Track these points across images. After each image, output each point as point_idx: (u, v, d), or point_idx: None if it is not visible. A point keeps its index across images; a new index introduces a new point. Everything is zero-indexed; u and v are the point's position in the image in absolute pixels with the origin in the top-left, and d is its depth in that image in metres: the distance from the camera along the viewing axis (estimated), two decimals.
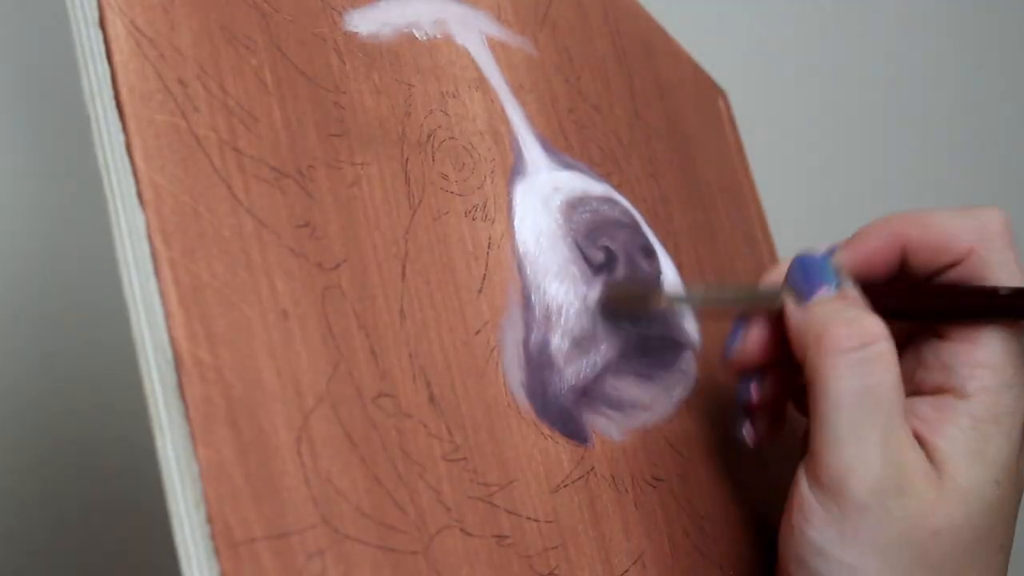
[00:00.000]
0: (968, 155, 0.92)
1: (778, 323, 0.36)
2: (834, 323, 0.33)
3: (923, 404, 0.35)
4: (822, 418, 0.33)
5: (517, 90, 0.38)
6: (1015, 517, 0.35)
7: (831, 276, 0.35)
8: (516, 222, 0.35)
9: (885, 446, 0.33)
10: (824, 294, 0.35)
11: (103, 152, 0.26)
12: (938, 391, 0.35)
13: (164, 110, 0.26)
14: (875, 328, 0.33)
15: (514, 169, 0.36)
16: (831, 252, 0.37)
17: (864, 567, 0.33)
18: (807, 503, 0.34)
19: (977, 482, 0.33)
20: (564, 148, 0.39)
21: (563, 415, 0.34)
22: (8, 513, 0.56)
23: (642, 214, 0.39)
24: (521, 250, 0.35)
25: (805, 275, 0.35)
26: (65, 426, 0.58)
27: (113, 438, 0.58)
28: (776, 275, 0.38)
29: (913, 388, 0.36)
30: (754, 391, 0.38)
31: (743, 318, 0.37)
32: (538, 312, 0.34)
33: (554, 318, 0.34)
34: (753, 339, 0.37)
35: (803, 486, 0.34)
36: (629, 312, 0.36)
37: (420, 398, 0.30)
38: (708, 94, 0.55)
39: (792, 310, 0.35)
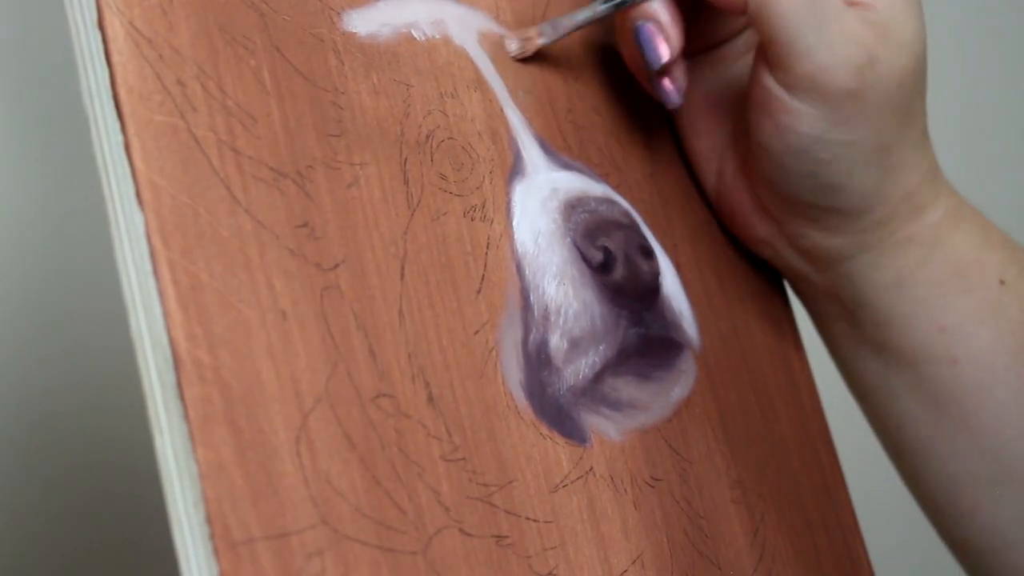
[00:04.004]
0: (969, 153, 0.92)
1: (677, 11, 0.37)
2: None
3: None
4: (784, 36, 0.35)
5: (515, 91, 0.38)
6: None
7: None
8: (515, 222, 0.35)
9: (844, 34, 0.36)
10: None
11: (102, 152, 0.26)
12: None
13: (163, 110, 0.26)
14: None
15: (513, 169, 0.36)
16: None
17: (857, 138, 0.37)
18: (791, 107, 0.37)
19: (914, 32, 0.37)
20: (563, 148, 0.39)
21: (562, 415, 0.34)
22: (7, 513, 0.56)
23: (641, 214, 0.39)
24: (520, 250, 0.35)
25: None
26: (64, 426, 0.58)
27: (112, 438, 0.58)
28: None
29: None
30: (663, 51, 0.38)
31: (644, 21, 0.38)
32: (537, 312, 0.34)
33: (553, 318, 0.34)
34: (673, 32, 0.38)
35: (780, 93, 0.37)
36: None
37: (419, 398, 0.30)
38: None
39: None
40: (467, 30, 0.37)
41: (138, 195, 0.25)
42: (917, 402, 0.42)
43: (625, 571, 0.34)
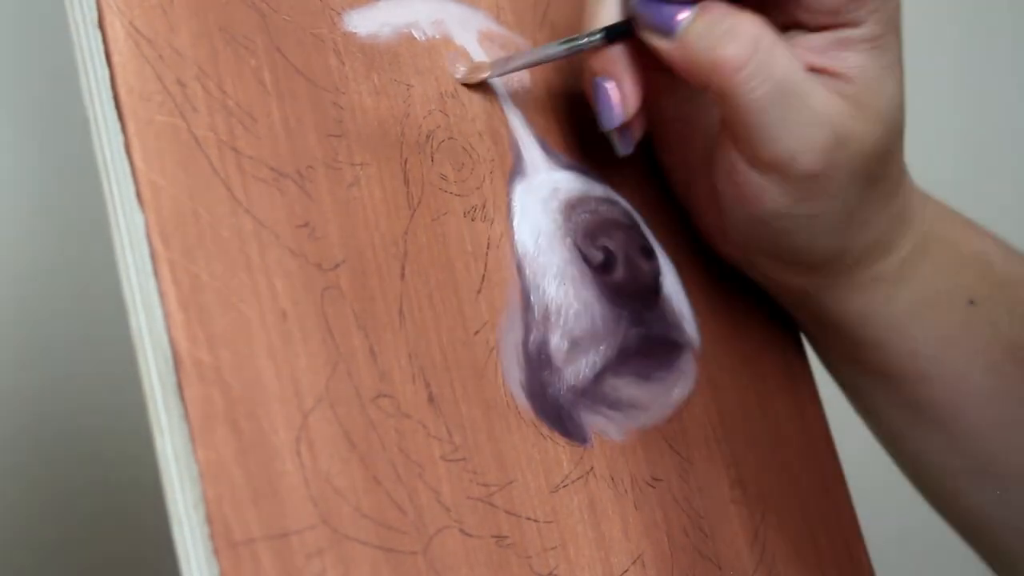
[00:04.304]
0: (969, 152, 0.92)
1: (640, 57, 0.35)
2: (718, 46, 0.33)
3: (812, 38, 0.36)
4: (749, 124, 0.34)
5: (516, 90, 0.38)
6: None
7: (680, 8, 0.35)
8: (515, 222, 0.35)
9: (813, 118, 0.34)
10: (687, 18, 0.34)
11: (102, 153, 0.26)
12: (826, 28, 0.36)
13: (163, 111, 0.26)
14: (754, 27, 0.33)
15: (513, 169, 0.36)
16: None
17: (821, 210, 0.36)
18: (756, 184, 0.36)
19: (890, 98, 0.36)
20: (563, 148, 0.39)
21: (562, 415, 0.34)
22: (7, 513, 0.56)
23: (641, 215, 0.39)
24: (520, 250, 0.35)
25: (655, 8, 0.35)
26: (65, 426, 0.58)
27: (113, 438, 0.58)
28: (594, 15, 0.36)
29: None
30: (617, 114, 0.36)
31: (602, 77, 0.36)
32: (537, 312, 0.34)
33: (553, 318, 0.34)
34: (630, 93, 0.36)
35: (743, 168, 0.36)
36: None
37: (419, 398, 0.30)
38: None
39: (666, 48, 0.34)
40: (468, 30, 0.37)
41: (138, 195, 0.25)
42: (891, 406, 0.43)
43: (625, 571, 0.34)
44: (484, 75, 0.36)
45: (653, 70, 0.36)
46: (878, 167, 0.37)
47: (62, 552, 0.57)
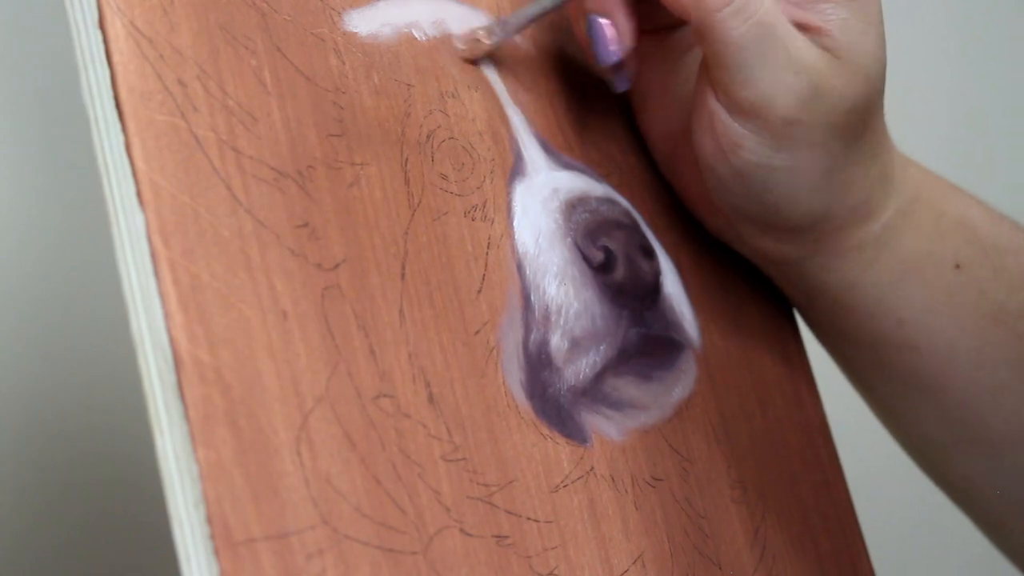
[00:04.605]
0: (968, 151, 0.92)
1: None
2: None
3: None
4: (728, 62, 0.35)
5: (516, 90, 0.38)
6: None
7: None
8: (515, 222, 0.35)
9: (790, 63, 0.35)
10: None
11: (103, 152, 0.26)
12: None
13: (164, 110, 0.26)
14: None
15: (513, 169, 0.36)
16: None
17: (799, 163, 0.36)
18: (733, 131, 0.36)
19: (871, 54, 0.36)
20: (564, 148, 0.39)
21: (562, 415, 0.34)
22: (7, 512, 0.56)
23: (641, 214, 0.39)
24: (520, 250, 0.35)
25: None
26: (65, 426, 0.58)
27: (113, 438, 0.58)
28: None
29: None
30: (613, 50, 0.37)
31: (597, 14, 0.37)
32: (538, 312, 0.34)
33: (553, 318, 0.34)
34: (625, 27, 0.37)
35: (722, 116, 0.36)
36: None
37: (419, 398, 0.30)
38: None
39: None
40: (468, 30, 0.37)
41: (139, 195, 0.25)
42: (883, 378, 0.43)
43: (626, 571, 0.34)
44: (488, 44, 0.37)
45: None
46: (858, 124, 0.37)
47: (62, 552, 0.57)
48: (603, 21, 0.36)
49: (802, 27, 0.36)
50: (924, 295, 0.40)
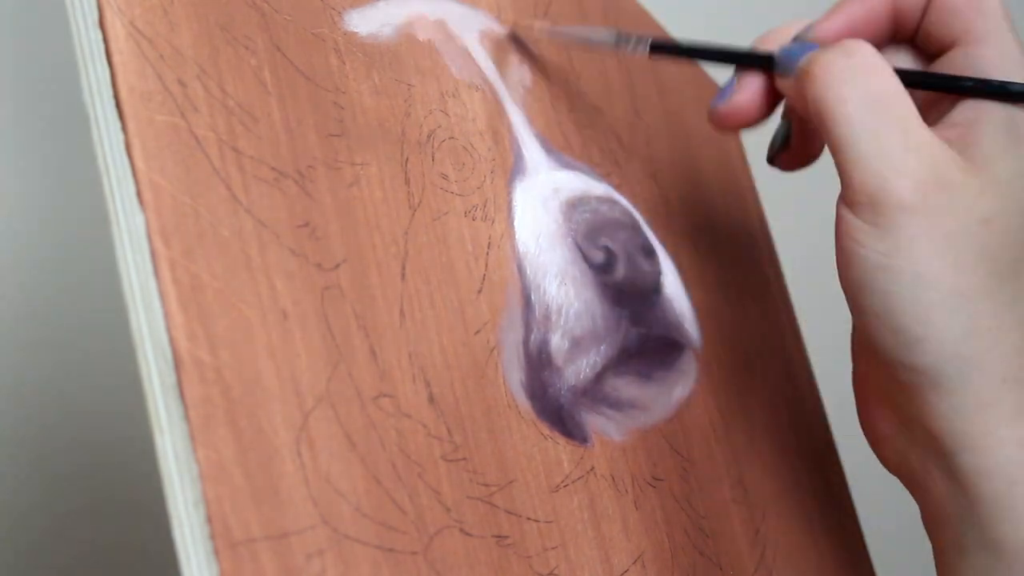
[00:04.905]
0: None
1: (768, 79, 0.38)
2: (822, 56, 0.34)
3: (951, 113, 0.35)
4: (841, 143, 0.33)
5: (517, 90, 0.38)
6: None
7: (813, 47, 0.35)
8: (516, 222, 0.35)
9: (910, 146, 0.32)
10: (810, 53, 0.35)
11: (103, 152, 0.26)
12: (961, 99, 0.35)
13: (164, 110, 0.26)
14: (858, 44, 0.34)
15: (514, 169, 0.36)
16: (809, 28, 0.37)
17: (929, 269, 0.32)
18: (852, 226, 0.33)
19: (1016, 171, 0.33)
20: (564, 148, 0.39)
21: (563, 415, 0.34)
22: (8, 513, 0.56)
23: (642, 214, 0.39)
24: (521, 250, 0.35)
25: (788, 54, 0.36)
26: (64, 426, 0.58)
27: (112, 438, 0.58)
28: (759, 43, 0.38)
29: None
30: (727, 106, 0.38)
31: (738, 74, 0.38)
32: (538, 312, 0.34)
33: (554, 318, 0.34)
34: (746, 94, 0.38)
35: (844, 214, 0.33)
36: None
37: (420, 398, 0.30)
38: (708, 94, 0.55)
39: (784, 84, 0.36)
40: (468, 30, 0.37)
41: (139, 195, 0.25)
42: None
43: (626, 571, 0.34)
44: (537, 30, 0.39)
45: None
46: (1000, 248, 0.32)
47: (62, 551, 0.57)
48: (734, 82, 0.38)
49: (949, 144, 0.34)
50: None
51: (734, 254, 0.48)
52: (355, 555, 0.26)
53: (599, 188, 0.38)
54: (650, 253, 0.37)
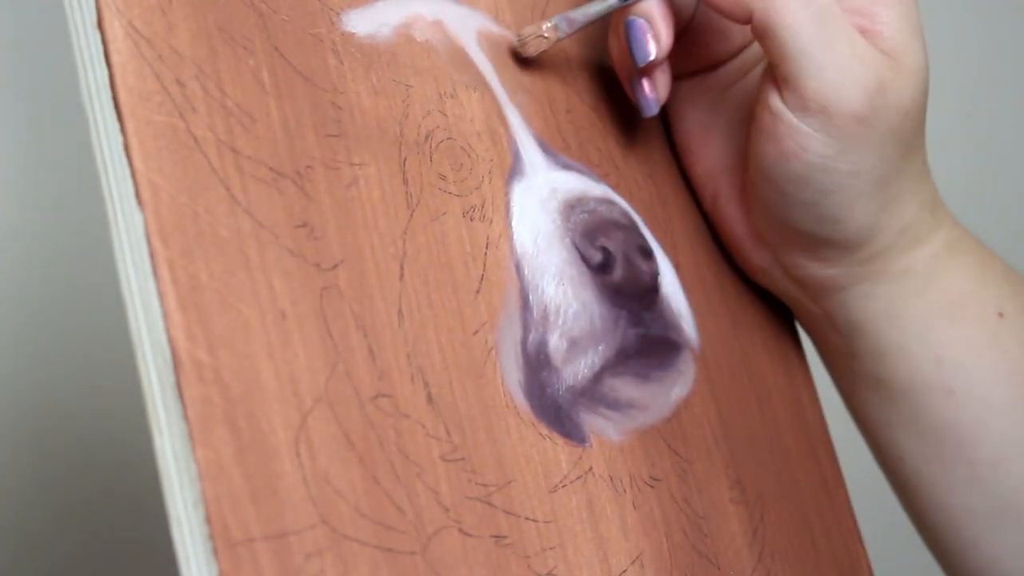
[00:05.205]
0: (971, 154, 0.92)
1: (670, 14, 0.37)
2: None
3: None
4: (792, 52, 0.35)
5: (515, 91, 0.38)
6: None
7: None
8: (514, 222, 0.35)
9: (856, 54, 0.35)
10: None
11: (101, 153, 0.26)
12: None
13: (162, 111, 0.26)
14: None
15: (512, 170, 0.36)
16: None
17: (863, 167, 0.36)
18: (799, 132, 0.36)
19: (920, 58, 0.37)
20: (562, 149, 0.39)
21: (561, 415, 0.34)
22: (7, 512, 0.56)
23: (640, 215, 0.39)
24: (519, 250, 0.35)
25: None
26: (64, 426, 0.58)
27: (112, 438, 0.58)
28: None
29: None
30: (651, 48, 0.38)
31: (635, 17, 0.37)
32: (536, 312, 0.34)
33: (552, 318, 0.34)
34: (662, 29, 0.37)
35: (787, 116, 0.36)
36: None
37: (418, 398, 0.30)
38: None
39: None
40: (466, 30, 0.37)
41: (137, 195, 0.25)
42: (915, 435, 0.42)
43: (624, 571, 0.34)
44: (550, 41, 0.38)
45: (675, 78, 0.38)
46: (911, 133, 0.37)
47: (61, 551, 0.57)
48: (640, 21, 0.37)
49: (861, 32, 0.36)
50: (965, 336, 0.40)
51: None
52: (354, 555, 0.26)
53: (597, 188, 0.38)
54: (648, 253, 0.37)
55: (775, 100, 0.36)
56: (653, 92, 0.39)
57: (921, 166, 0.39)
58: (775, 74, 0.36)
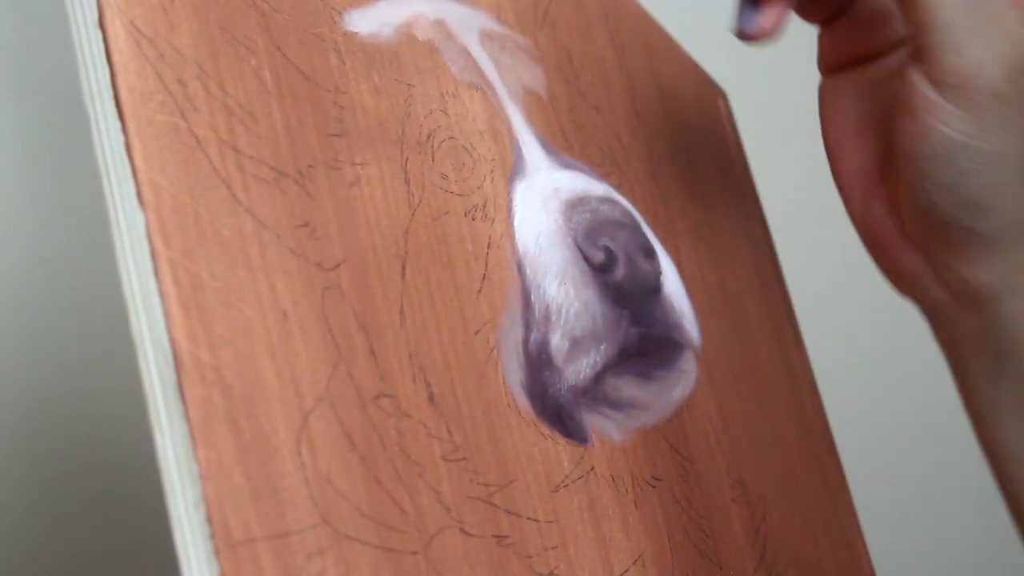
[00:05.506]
0: None
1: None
2: None
3: None
4: (934, 23, 0.34)
5: (517, 90, 0.38)
6: None
7: None
8: (516, 222, 0.35)
9: (1003, 31, 0.33)
10: None
11: (103, 153, 0.26)
12: None
13: (164, 110, 0.26)
14: None
15: (514, 169, 0.36)
16: None
17: (1007, 150, 0.34)
18: (936, 106, 0.34)
19: None
20: (564, 148, 0.39)
21: (563, 415, 0.34)
22: (8, 512, 0.56)
23: (642, 214, 0.39)
24: (521, 250, 0.35)
25: None
26: (64, 426, 0.58)
27: (113, 438, 0.58)
28: None
29: None
30: (754, 24, 0.37)
31: None
32: (538, 312, 0.34)
33: (554, 318, 0.34)
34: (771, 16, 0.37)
35: (926, 89, 0.34)
36: None
37: (420, 398, 0.30)
38: (708, 94, 0.55)
39: None
40: (468, 30, 0.37)
41: (139, 195, 0.25)
42: None
43: (626, 571, 0.34)
44: None
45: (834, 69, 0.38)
46: None
47: (62, 551, 0.57)
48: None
49: (1016, 5, 0.34)
50: None
51: (734, 254, 0.48)
52: (355, 555, 0.26)
53: (599, 188, 0.38)
54: (650, 253, 0.37)
55: (915, 73, 0.35)
56: (755, 16, 0.38)
57: None
58: (916, 46, 0.35)
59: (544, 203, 0.36)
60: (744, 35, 0.38)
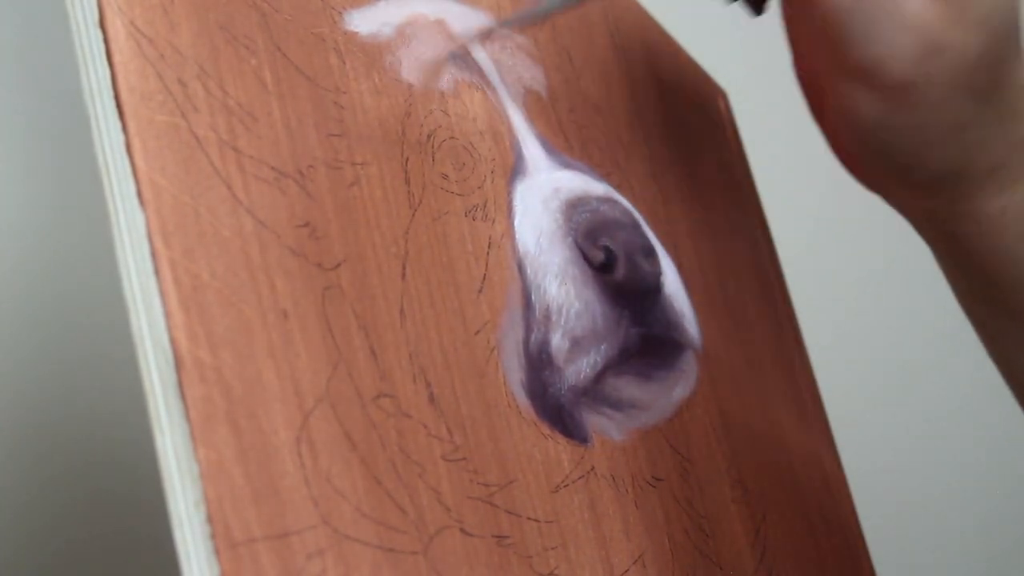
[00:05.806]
0: None
1: None
2: None
3: None
4: (835, 23, 0.34)
5: (517, 90, 0.38)
6: None
7: None
8: (516, 222, 0.35)
9: (902, 22, 0.33)
10: None
11: (103, 152, 0.26)
12: None
13: (164, 110, 0.26)
14: None
15: (514, 169, 0.36)
16: None
17: (923, 120, 0.35)
18: (848, 94, 0.35)
19: (994, 4, 0.34)
20: (564, 148, 0.39)
21: (563, 415, 0.34)
22: (8, 512, 0.56)
23: (642, 214, 0.39)
24: (521, 250, 0.35)
25: None
26: (65, 426, 0.58)
27: (113, 438, 0.58)
28: None
29: None
30: None
31: None
32: (538, 312, 0.34)
33: (554, 318, 0.34)
34: None
35: (837, 79, 0.35)
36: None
37: (420, 398, 0.30)
38: (708, 94, 0.55)
39: None
40: (468, 29, 0.37)
41: (139, 195, 0.25)
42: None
43: (626, 571, 0.34)
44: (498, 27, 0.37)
45: None
46: (985, 80, 0.35)
47: (62, 551, 0.57)
48: None
49: None
50: None
51: (734, 254, 0.48)
52: (355, 555, 0.26)
53: (599, 188, 0.38)
54: (650, 253, 0.37)
55: (827, 62, 0.36)
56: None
57: (1012, 105, 0.36)
58: (822, 35, 0.35)
59: (544, 203, 0.36)
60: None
